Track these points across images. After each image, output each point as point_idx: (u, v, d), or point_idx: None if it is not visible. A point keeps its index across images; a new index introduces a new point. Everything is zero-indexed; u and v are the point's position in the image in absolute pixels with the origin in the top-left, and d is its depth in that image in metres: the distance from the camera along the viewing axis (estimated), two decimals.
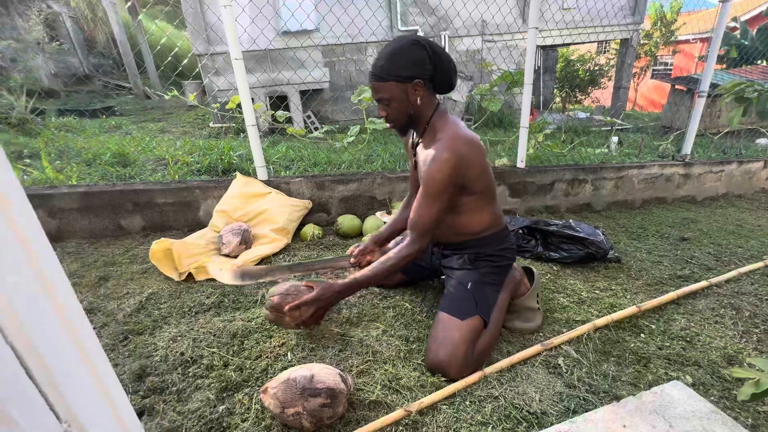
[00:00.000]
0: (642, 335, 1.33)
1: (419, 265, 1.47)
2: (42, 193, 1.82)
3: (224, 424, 0.91)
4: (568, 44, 9.30)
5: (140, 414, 0.93)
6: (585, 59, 11.47)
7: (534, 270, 1.42)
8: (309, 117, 5.94)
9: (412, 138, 1.35)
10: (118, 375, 1.04)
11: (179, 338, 1.20)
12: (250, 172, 2.21)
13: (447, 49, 6.73)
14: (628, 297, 1.58)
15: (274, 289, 1.20)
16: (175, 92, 2.45)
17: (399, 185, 2.27)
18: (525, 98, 2.38)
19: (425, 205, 1.15)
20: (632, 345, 1.27)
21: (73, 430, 0.31)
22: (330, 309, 1.21)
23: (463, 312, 1.14)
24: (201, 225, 2.03)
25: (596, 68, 11.31)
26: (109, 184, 1.98)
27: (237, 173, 2.11)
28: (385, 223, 2.09)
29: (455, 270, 1.30)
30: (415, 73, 1.10)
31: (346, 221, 2.05)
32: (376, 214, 2.17)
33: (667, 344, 1.29)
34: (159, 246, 1.58)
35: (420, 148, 1.24)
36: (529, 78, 2.31)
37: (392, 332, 1.27)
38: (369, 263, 1.35)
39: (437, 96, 1.24)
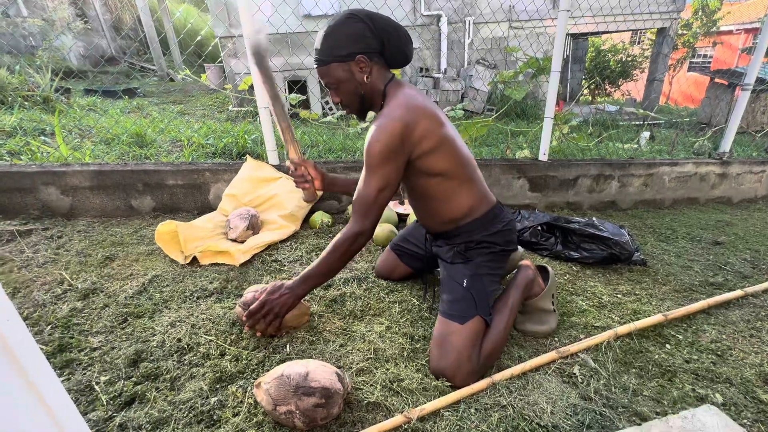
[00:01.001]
0: (667, 346, 1.23)
1: (419, 255, 1.39)
2: (55, 170, 1.82)
3: (215, 417, 0.88)
4: (601, 32, 8.86)
5: (131, 402, 0.91)
6: (617, 49, 10.92)
7: (549, 269, 1.33)
8: (327, 102, 5.87)
9: None
10: (113, 359, 1.02)
11: (178, 323, 1.17)
12: (263, 157, 2.17)
13: (470, 35, 6.51)
14: (654, 303, 1.47)
15: (250, 287, 1.16)
16: (188, 71, 2.42)
17: None
18: (551, 87, 2.24)
19: (365, 181, 1.04)
20: (656, 356, 1.17)
21: None
22: (289, 310, 1.07)
23: (462, 315, 1.06)
24: (211, 208, 2.01)
25: (629, 59, 10.76)
26: (120, 164, 1.97)
27: (247, 157, 2.07)
28: (396, 213, 2.02)
29: (448, 264, 1.20)
30: (355, 50, 1.02)
31: None
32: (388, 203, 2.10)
33: (695, 357, 1.18)
34: (165, 228, 1.56)
35: None
36: (557, 65, 2.16)
37: (397, 329, 1.20)
38: (302, 179, 1.25)
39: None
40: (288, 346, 1.11)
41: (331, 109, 5.80)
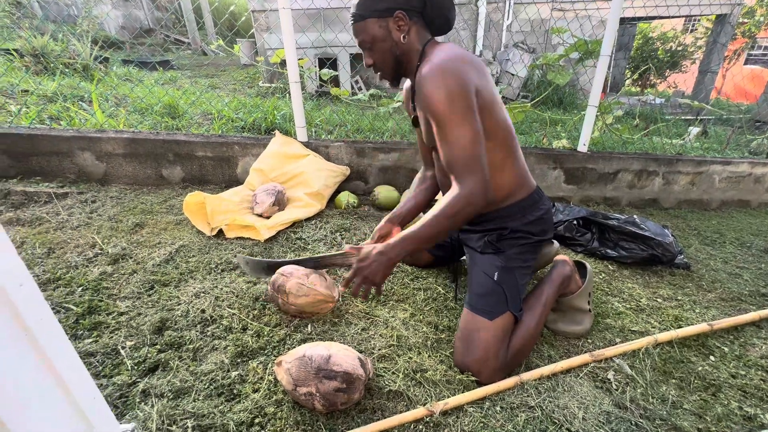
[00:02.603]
0: (711, 358, 1.14)
1: (444, 243, 1.32)
2: (91, 136, 1.85)
3: (235, 391, 0.87)
4: (652, 18, 8.26)
5: (154, 368, 0.91)
6: (667, 37, 10.19)
7: (587, 265, 1.25)
8: (357, 82, 5.77)
9: (410, 91, 1.14)
10: (139, 325, 1.03)
11: (202, 295, 1.17)
12: (291, 133, 2.14)
13: (510, 17, 6.19)
14: (697, 311, 1.37)
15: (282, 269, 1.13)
16: (221, 42, 2.39)
17: None
18: (599, 72, 2.08)
19: (448, 139, 0.90)
20: (699, 368, 1.09)
21: None
22: (386, 276, 0.97)
23: (492, 310, 0.99)
24: (238, 182, 2.01)
25: (679, 48, 10.03)
26: (153, 133, 1.99)
27: (276, 132, 2.05)
28: None
29: (477, 253, 1.12)
30: (395, 5, 0.94)
31: (384, 192, 1.93)
32: None
33: (743, 373, 1.09)
34: (193, 199, 1.56)
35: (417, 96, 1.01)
36: (607, 48, 2.00)
37: (421, 317, 1.16)
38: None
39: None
40: (310, 325, 1.09)
41: (360, 88, 5.70)
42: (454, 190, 0.90)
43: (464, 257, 1.38)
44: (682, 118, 4.66)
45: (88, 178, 1.91)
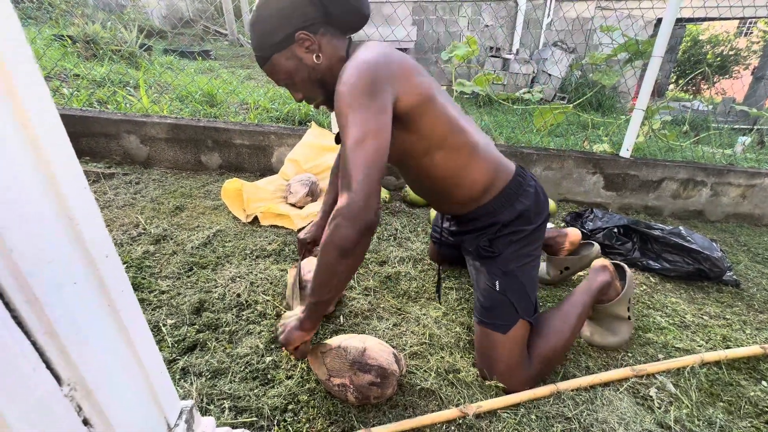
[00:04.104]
0: (764, 383, 1.06)
1: (449, 244, 1.20)
2: (137, 120, 1.92)
3: (269, 376, 0.88)
4: (704, 19, 7.80)
5: (193, 347, 0.94)
6: (718, 40, 9.62)
7: (626, 269, 1.15)
8: None
9: None
10: (179, 305, 1.06)
11: (238, 279, 1.20)
12: (325, 125, 2.15)
13: (550, 14, 5.99)
14: (748, 332, 1.28)
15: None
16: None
17: None
18: (649, 74, 1.98)
19: (343, 135, 0.72)
20: (750, 393, 1.02)
21: (77, 395, 0.24)
22: (296, 345, 0.81)
23: (504, 323, 0.92)
24: (272, 171, 2.04)
25: (731, 52, 9.45)
26: (194, 119, 2.05)
27: (312, 123, 2.06)
28: None
29: (474, 260, 1.03)
30: (291, 28, 0.79)
31: None
32: None
33: None
34: (231, 185, 1.60)
35: None
36: (660, 49, 1.90)
37: (453, 317, 1.15)
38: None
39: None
40: (342, 317, 1.10)
41: None
42: (335, 208, 0.71)
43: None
44: (734, 126, 4.38)
45: (133, 160, 1.99)
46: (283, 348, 0.84)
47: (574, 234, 1.38)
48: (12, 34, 0.23)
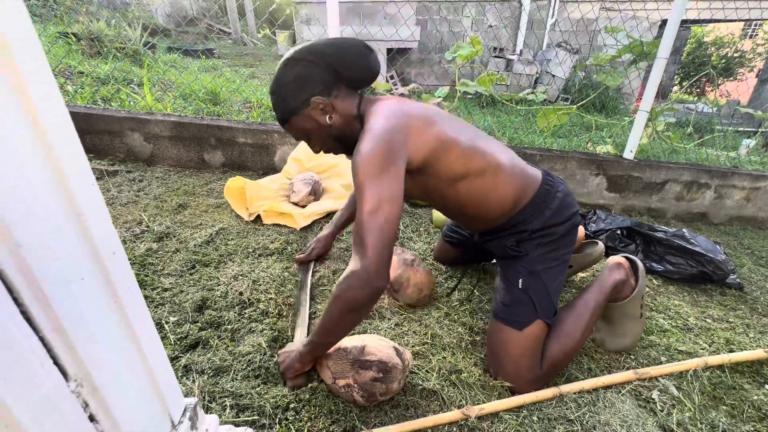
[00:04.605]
0: (767, 387, 1.06)
1: (472, 243, 1.24)
2: (140, 117, 1.93)
3: (271, 375, 0.88)
4: (709, 21, 7.76)
5: (195, 345, 0.94)
6: (723, 42, 9.57)
7: (639, 263, 1.11)
8: (392, 77, 5.75)
9: None
10: (181, 302, 1.06)
11: (240, 277, 1.20)
12: None
13: (554, 15, 5.97)
14: (751, 336, 1.28)
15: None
16: (267, 31, 2.42)
17: None
18: (653, 76, 1.98)
19: (359, 206, 0.77)
20: (754, 397, 1.01)
21: (84, 391, 0.24)
22: (293, 374, 0.87)
23: (520, 320, 0.93)
24: (275, 170, 2.04)
25: (736, 54, 9.40)
26: (197, 117, 2.05)
27: None
28: None
29: (500, 260, 1.05)
30: (306, 95, 0.87)
31: None
32: None
33: None
34: (234, 183, 1.60)
35: None
36: (665, 50, 1.89)
37: (455, 317, 1.14)
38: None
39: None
40: None
41: (395, 84, 5.67)
42: (348, 269, 0.76)
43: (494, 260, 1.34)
44: (738, 129, 4.36)
45: (136, 157, 2.00)
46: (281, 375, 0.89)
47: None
48: (23, 31, 0.23)
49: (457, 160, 0.91)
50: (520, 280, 0.97)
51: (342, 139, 0.94)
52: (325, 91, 0.88)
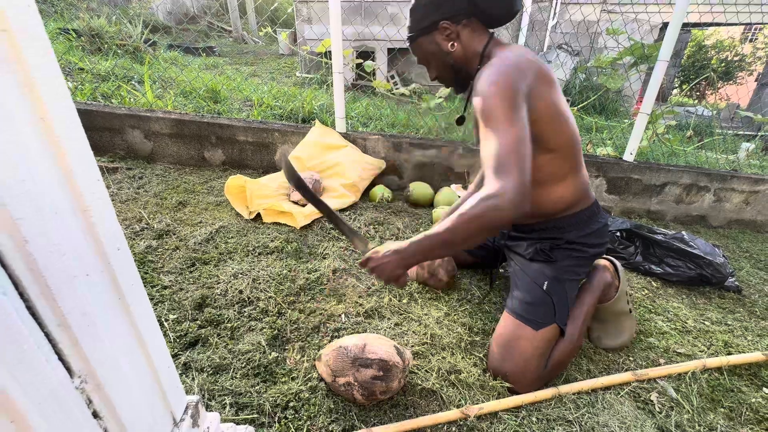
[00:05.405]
0: (765, 390, 1.06)
1: (486, 245, 1.28)
2: (141, 114, 1.92)
3: (270, 373, 0.88)
4: (710, 24, 7.79)
5: (194, 343, 0.94)
6: (723, 46, 9.60)
7: (616, 262, 1.19)
8: (393, 77, 5.75)
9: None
10: (181, 300, 1.06)
11: (240, 276, 1.20)
12: (328, 124, 2.15)
13: (556, 16, 5.98)
14: (749, 338, 1.28)
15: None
16: (269, 29, 2.42)
17: None
18: (655, 77, 1.98)
19: (492, 131, 0.77)
20: (752, 399, 1.02)
21: (88, 387, 0.24)
22: (393, 277, 0.85)
23: (539, 320, 0.95)
24: (275, 168, 2.04)
25: (736, 58, 9.43)
26: (198, 115, 2.05)
27: (316, 121, 2.06)
28: (459, 197, 1.93)
29: (525, 260, 1.07)
30: (437, 17, 0.91)
31: (418, 188, 1.92)
32: (451, 186, 2.01)
33: None
34: (234, 182, 1.60)
35: None
36: (666, 53, 1.89)
37: (455, 317, 1.15)
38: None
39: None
40: (343, 315, 1.10)
41: (396, 84, 5.68)
42: (484, 189, 0.74)
43: (504, 264, 1.35)
44: (737, 132, 4.37)
45: (136, 155, 1.99)
46: (377, 277, 0.86)
47: None
48: (32, 27, 0.23)
49: (561, 133, 0.93)
50: (546, 283, 1.00)
51: (457, 71, 0.98)
52: (456, 18, 0.92)
